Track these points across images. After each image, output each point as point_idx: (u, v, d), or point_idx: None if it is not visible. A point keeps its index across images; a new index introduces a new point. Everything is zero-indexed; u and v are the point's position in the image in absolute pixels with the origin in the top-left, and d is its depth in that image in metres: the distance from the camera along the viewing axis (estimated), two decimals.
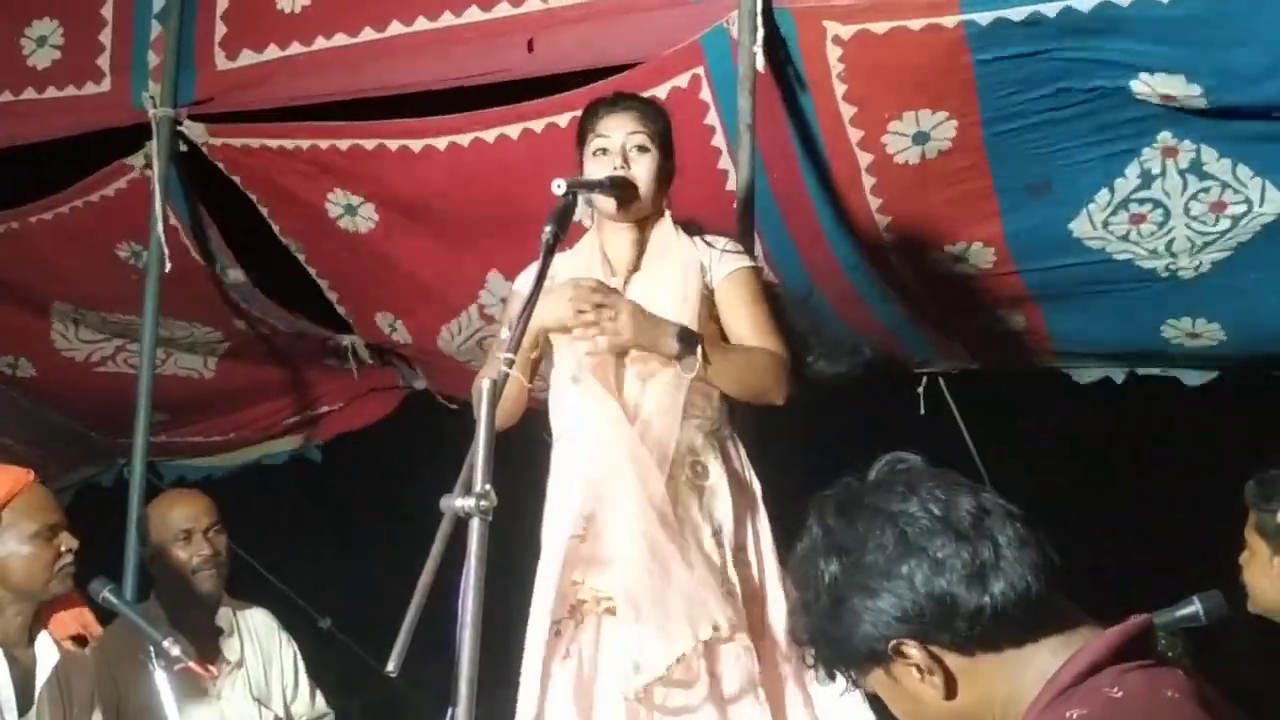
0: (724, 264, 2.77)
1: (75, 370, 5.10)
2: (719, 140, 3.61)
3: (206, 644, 3.38)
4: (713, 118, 3.57)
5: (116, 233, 4.41)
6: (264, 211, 4.35)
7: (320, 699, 3.65)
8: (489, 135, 3.81)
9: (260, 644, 3.54)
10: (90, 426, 5.49)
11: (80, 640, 2.97)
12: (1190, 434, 5.24)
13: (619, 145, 2.72)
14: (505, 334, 2.52)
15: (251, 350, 5.11)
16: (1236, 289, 3.83)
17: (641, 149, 2.73)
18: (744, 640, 2.60)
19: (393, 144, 3.92)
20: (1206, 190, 3.56)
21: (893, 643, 1.46)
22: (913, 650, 1.45)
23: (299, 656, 3.61)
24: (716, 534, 2.66)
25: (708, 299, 2.74)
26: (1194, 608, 2.64)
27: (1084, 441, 5.68)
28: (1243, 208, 3.57)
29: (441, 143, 3.87)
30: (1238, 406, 4.85)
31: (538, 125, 3.71)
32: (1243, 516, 2.72)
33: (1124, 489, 5.62)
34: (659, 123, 2.77)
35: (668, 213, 2.79)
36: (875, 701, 2.64)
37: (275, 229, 4.42)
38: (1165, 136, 3.43)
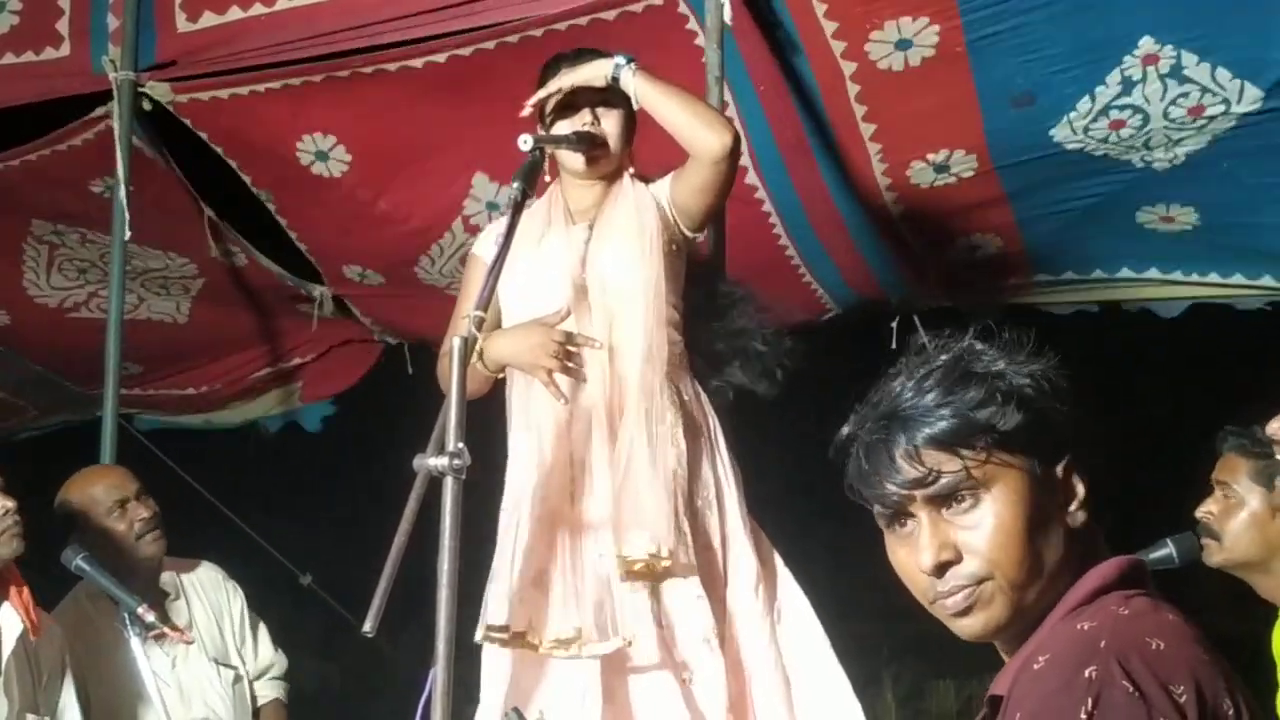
0: (667, 178, 2.72)
1: (48, 317, 5.05)
2: (701, 41, 3.49)
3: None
4: (694, 24, 3.51)
5: (89, 173, 4.34)
6: (234, 164, 4.30)
7: (277, 652, 3.50)
8: (466, 50, 3.74)
9: (208, 599, 3.40)
10: (67, 376, 5.43)
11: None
12: (1164, 368, 5.27)
13: (586, 101, 2.68)
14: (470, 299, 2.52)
15: (226, 290, 5.05)
16: (1210, 176, 3.85)
17: (609, 104, 2.69)
18: (696, 589, 2.54)
19: (367, 69, 3.85)
20: (1186, 95, 3.56)
21: None
22: None
23: (245, 604, 3.46)
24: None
25: (668, 224, 2.70)
26: (1167, 550, 2.65)
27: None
28: (1220, 108, 3.58)
29: (418, 61, 3.81)
30: (1206, 341, 4.88)
31: (514, 39, 3.65)
32: (1210, 465, 2.61)
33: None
34: None
35: (629, 168, 2.75)
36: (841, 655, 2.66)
37: (247, 180, 4.37)
38: (1147, 42, 3.42)
